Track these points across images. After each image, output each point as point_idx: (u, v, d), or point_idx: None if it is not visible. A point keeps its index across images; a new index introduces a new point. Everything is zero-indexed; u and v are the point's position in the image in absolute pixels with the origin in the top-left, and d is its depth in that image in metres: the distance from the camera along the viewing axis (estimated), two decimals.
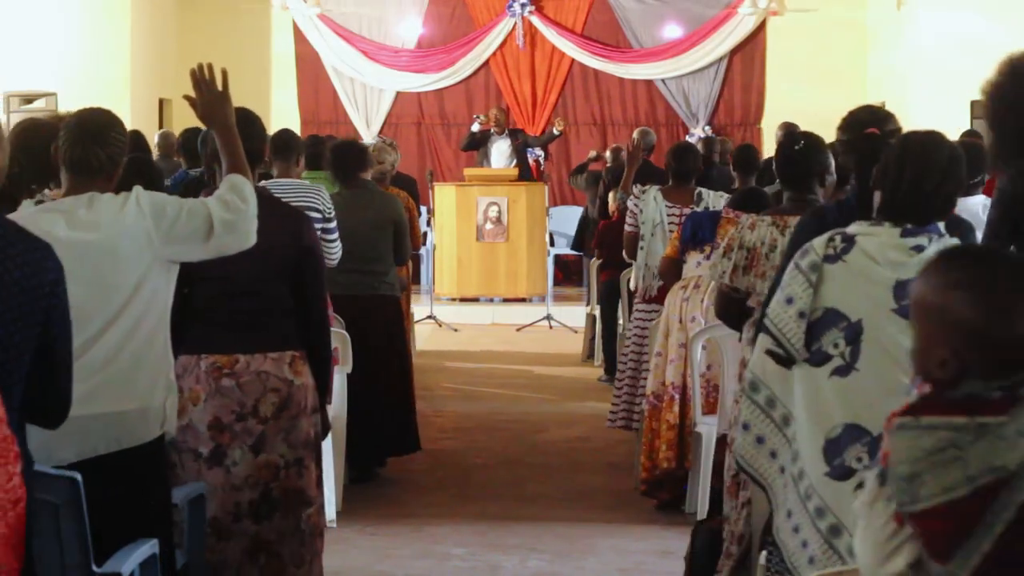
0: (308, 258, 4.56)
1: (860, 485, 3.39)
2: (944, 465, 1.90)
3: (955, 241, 3.54)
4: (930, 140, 3.59)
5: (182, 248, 3.87)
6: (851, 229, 3.52)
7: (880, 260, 3.44)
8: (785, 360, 3.48)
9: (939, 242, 3.47)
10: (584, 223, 12.23)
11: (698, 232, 6.72)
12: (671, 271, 6.97)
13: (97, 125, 3.86)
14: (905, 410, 2.04)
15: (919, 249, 3.44)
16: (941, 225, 3.53)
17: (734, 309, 4.97)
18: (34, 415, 3.12)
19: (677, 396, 6.72)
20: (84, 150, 3.81)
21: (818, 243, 3.51)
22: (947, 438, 1.91)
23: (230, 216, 3.90)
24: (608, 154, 12.61)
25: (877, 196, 3.57)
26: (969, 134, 8.20)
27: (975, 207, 6.61)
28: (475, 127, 15.17)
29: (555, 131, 15.49)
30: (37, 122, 4.44)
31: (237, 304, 4.48)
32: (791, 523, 3.50)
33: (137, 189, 3.88)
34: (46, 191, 4.64)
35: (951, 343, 2.03)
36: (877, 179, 3.58)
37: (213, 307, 4.49)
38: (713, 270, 5.05)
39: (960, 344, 2.02)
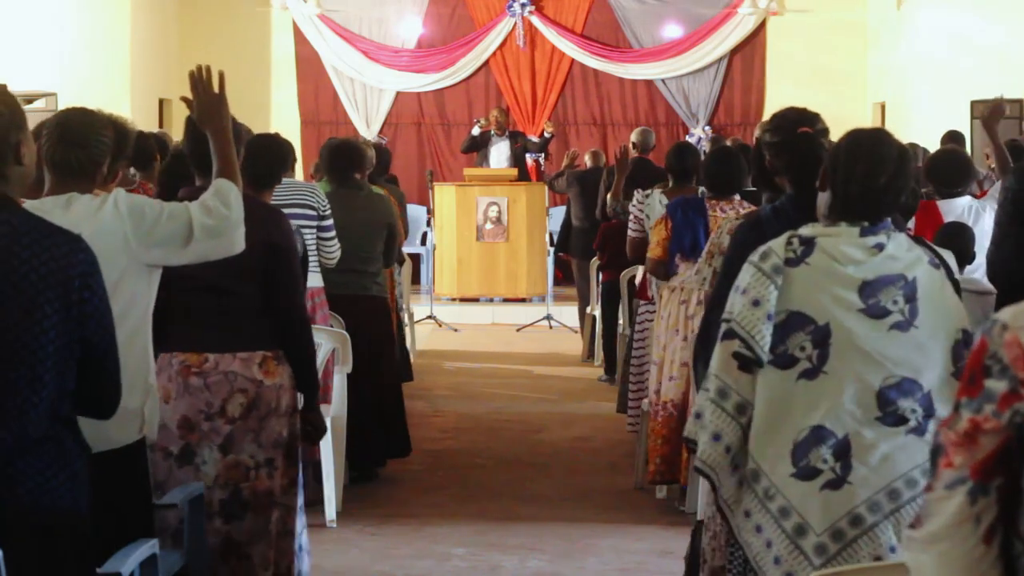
0: (277, 255, 4.50)
1: (825, 485, 3.38)
2: None
3: (902, 236, 3.51)
4: (878, 136, 3.57)
5: (161, 252, 3.85)
6: (806, 231, 3.48)
7: (843, 261, 3.42)
8: (752, 362, 3.46)
9: (896, 238, 3.46)
10: (567, 224, 12.20)
11: (696, 242, 6.68)
12: (662, 272, 6.98)
13: (77, 127, 3.83)
14: None
15: (879, 247, 3.43)
16: (889, 220, 3.51)
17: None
18: (86, 407, 3.17)
19: (676, 414, 6.72)
20: (64, 151, 3.80)
21: (777, 246, 3.47)
22: None
23: (211, 222, 3.87)
24: (587, 158, 12.60)
25: (825, 196, 3.54)
26: (951, 137, 8.20)
27: (960, 208, 6.63)
28: (475, 131, 15.17)
29: (547, 134, 15.49)
30: None
31: (207, 302, 4.46)
32: (751, 523, 3.49)
33: (117, 191, 3.86)
34: None
35: None
36: (824, 179, 3.56)
37: (186, 305, 4.47)
38: (697, 276, 5.04)
39: None
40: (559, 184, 12.78)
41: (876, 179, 3.46)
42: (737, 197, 6.74)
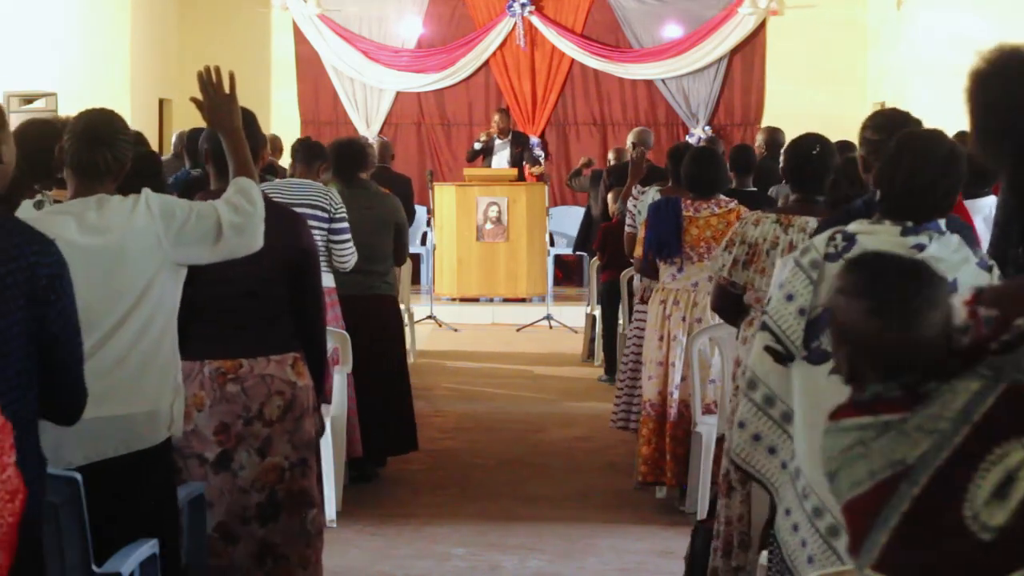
0: (305, 259, 4.56)
1: None
2: (852, 462, 1.93)
3: (952, 238, 3.52)
4: (928, 136, 3.57)
5: (191, 251, 3.87)
6: (852, 227, 3.50)
7: None
8: (784, 357, 3.47)
9: (940, 240, 3.44)
10: (588, 222, 12.19)
11: (663, 244, 6.70)
12: (646, 271, 7.01)
13: (103, 127, 3.85)
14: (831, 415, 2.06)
15: (920, 248, 3.41)
16: (942, 222, 3.49)
17: (729, 303, 4.99)
18: (47, 412, 3.15)
19: (654, 413, 6.74)
20: (91, 152, 3.81)
21: (819, 241, 3.50)
22: (856, 437, 1.94)
23: (239, 219, 3.91)
24: (611, 154, 12.59)
25: (877, 194, 3.55)
26: (960, 138, 8.20)
27: (986, 208, 6.62)
28: (478, 145, 15.15)
29: (537, 169, 15.46)
30: (39, 121, 4.44)
31: (237, 307, 4.48)
32: (790, 521, 3.50)
33: (147, 192, 3.88)
34: (46, 192, 4.65)
35: (842, 347, 2.05)
36: (876, 177, 3.57)
37: (214, 311, 4.48)
38: (713, 263, 5.06)
39: (848, 348, 2.04)
40: (578, 183, 12.71)
41: (921, 178, 3.44)
42: (720, 196, 6.73)
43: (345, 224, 6.78)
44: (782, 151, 6.20)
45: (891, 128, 4.13)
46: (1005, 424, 1.80)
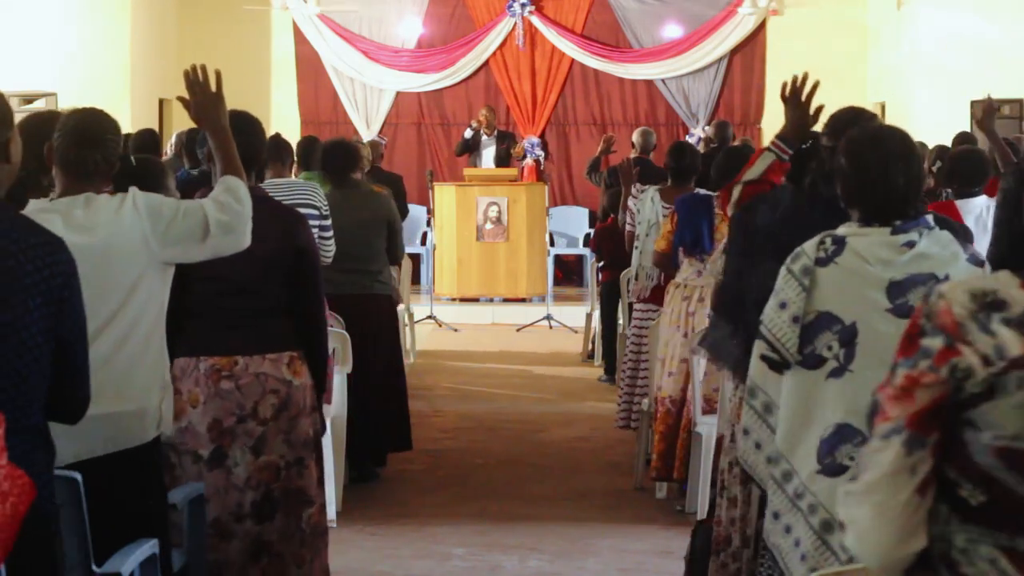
0: (304, 257, 4.56)
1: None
2: None
3: (942, 234, 3.51)
4: (887, 134, 3.58)
5: (178, 249, 3.88)
6: (841, 231, 3.50)
7: (871, 260, 3.43)
8: (780, 364, 3.47)
9: (930, 236, 3.46)
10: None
11: (698, 239, 6.68)
12: (666, 264, 6.99)
13: (92, 127, 3.85)
14: None
15: (910, 245, 3.43)
16: (930, 218, 3.51)
17: None
18: (54, 411, 3.14)
19: (674, 410, 6.73)
20: (79, 152, 3.81)
21: (809, 246, 3.49)
22: None
23: (226, 217, 3.91)
24: (601, 145, 12.46)
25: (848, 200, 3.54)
26: (962, 139, 8.15)
27: (978, 208, 6.62)
28: (468, 133, 15.17)
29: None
30: (43, 116, 4.44)
31: (234, 304, 4.49)
32: (780, 524, 3.50)
33: (134, 190, 3.88)
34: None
35: None
36: (845, 184, 3.54)
37: (211, 308, 4.49)
38: (713, 266, 5.05)
39: None
40: (597, 178, 12.59)
41: (899, 177, 3.46)
42: None
43: (330, 221, 6.92)
44: None
45: (842, 129, 4.13)
46: None
